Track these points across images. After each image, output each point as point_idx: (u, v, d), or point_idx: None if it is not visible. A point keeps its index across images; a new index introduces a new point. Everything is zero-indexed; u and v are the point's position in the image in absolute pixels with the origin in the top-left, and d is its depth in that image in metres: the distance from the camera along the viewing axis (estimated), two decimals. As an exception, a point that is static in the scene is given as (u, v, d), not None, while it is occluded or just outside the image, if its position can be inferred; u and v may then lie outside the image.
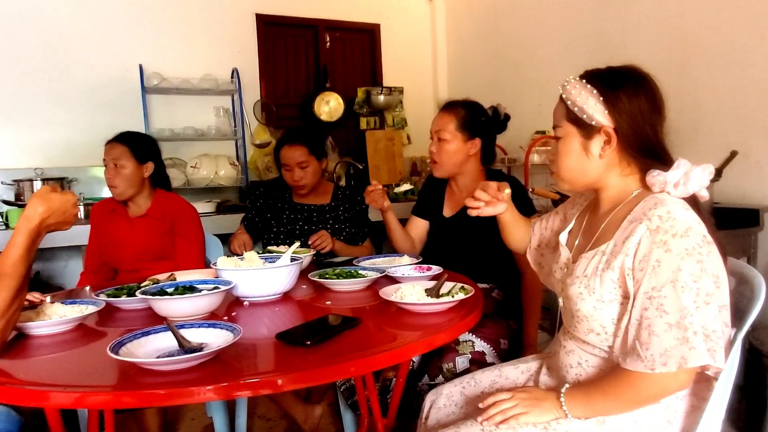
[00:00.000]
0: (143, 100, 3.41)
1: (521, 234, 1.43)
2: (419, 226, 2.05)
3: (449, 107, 1.89)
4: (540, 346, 1.80)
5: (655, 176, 1.04)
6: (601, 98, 1.06)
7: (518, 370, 1.33)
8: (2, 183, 3.08)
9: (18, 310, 1.10)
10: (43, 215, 1.14)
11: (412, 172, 4.17)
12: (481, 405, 1.12)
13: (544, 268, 1.39)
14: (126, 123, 3.38)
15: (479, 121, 1.86)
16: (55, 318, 1.24)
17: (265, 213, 2.31)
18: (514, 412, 1.07)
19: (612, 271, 1.03)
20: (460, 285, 1.38)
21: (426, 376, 1.64)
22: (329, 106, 3.97)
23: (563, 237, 1.25)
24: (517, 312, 1.82)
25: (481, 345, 1.66)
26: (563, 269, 1.21)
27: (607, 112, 1.05)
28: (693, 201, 1.04)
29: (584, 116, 1.07)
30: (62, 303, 1.32)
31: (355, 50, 4.29)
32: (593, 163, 1.10)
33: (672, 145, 1.09)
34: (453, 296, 1.29)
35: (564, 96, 1.11)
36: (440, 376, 1.62)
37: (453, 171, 1.89)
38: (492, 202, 1.32)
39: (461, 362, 1.63)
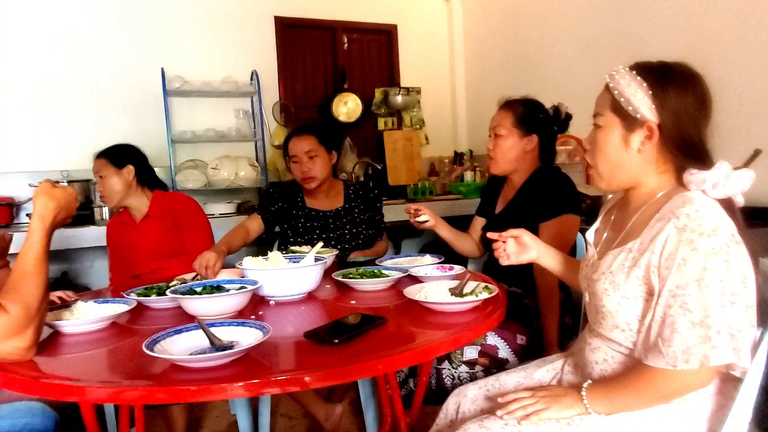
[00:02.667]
0: (165, 102, 3.46)
1: (572, 275, 1.38)
2: (478, 227, 2.05)
3: (507, 104, 1.88)
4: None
5: (694, 174, 1.03)
6: (650, 92, 1.04)
7: (543, 370, 1.33)
8: (30, 185, 3.15)
9: (47, 307, 1.13)
10: (54, 212, 1.17)
11: (430, 173, 4.18)
12: (500, 400, 1.12)
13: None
14: (148, 125, 3.46)
15: (537, 117, 1.85)
16: (89, 317, 1.28)
17: (281, 222, 2.25)
18: (534, 408, 1.07)
19: (638, 268, 1.04)
20: (483, 284, 1.39)
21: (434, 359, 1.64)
22: (347, 107, 3.99)
23: (590, 235, 1.26)
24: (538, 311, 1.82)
25: (494, 339, 1.65)
26: (589, 266, 1.21)
27: (654, 107, 1.04)
28: (726, 203, 1.03)
29: (630, 108, 1.06)
30: (95, 302, 1.36)
31: (372, 51, 4.31)
32: (630, 156, 1.09)
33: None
34: (477, 295, 1.30)
35: (611, 85, 1.09)
36: (446, 360, 1.63)
37: (509, 167, 1.88)
38: (520, 251, 1.35)
39: (469, 351, 1.62)
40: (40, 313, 1.08)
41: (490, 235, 1.39)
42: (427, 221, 1.86)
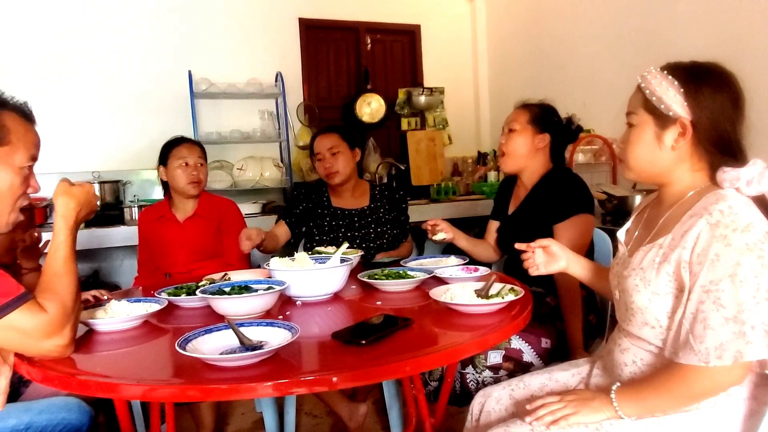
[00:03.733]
0: (192, 104, 3.52)
1: (601, 282, 1.38)
2: (493, 230, 2.07)
3: (525, 105, 1.93)
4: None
5: (728, 172, 1.03)
6: (682, 90, 1.05)
7: (568, 373, 1.33)
8: (62, 186, 3.24)
9: (81, 305, 1.16)
10: (76, 210, 1.20)
11: (453, 173, 4.17)
12: (528, 407, 1.12)
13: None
14: (176, 127, 3.50)
15: (551, 119, 1.89)
16: (122, 315, 1.31)
17: (307, 221, 2.27)
18: (563, 412, 1.07)
19: (668, 263, 1.03)
20: (509, 286, 1.39)
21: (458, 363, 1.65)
22: (371, 108, 4.01)
23: (621, 234, 1.26)
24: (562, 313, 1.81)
25: (518, 342, 1.65)
26: (620, 264, 1.21)
27: (686, 104, 1.05)
28: (759, 200, 1.03)
29: (662, 106, 1.07)
30: (128, 301, 1.40)
31: (395, 51, 4.32)
32: (664, 153, 1.09)
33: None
34: (503, 297, 1.30)
35: (642, 85, 1.11)
36: (470, 365, 1.63)
37: (520, 164, 1.89)
38: (548, 261, 1.36)
39: (494, 356, 1.62)
40: (75, 311, 1.11)
41: (518, 246, 1.39)
42: (444, 238, 1.88)
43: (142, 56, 3.56)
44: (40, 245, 1.83)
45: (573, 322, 1.71)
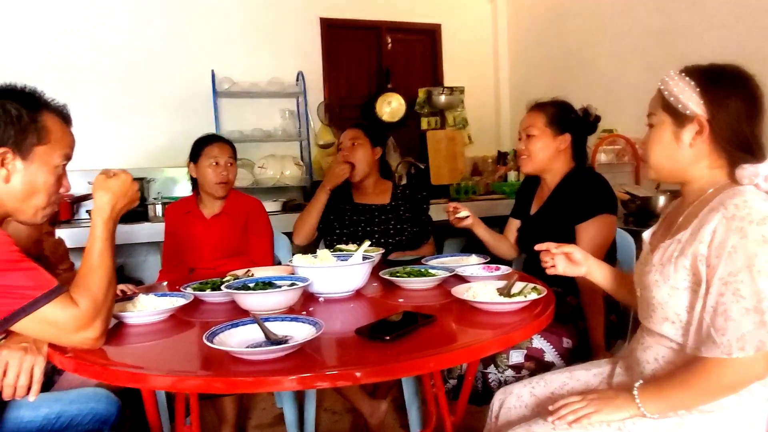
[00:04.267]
0: (214, 103, 3.57)
1: (623, 290, 1.38)
2: (513, 228, 2.06)
3: (537, 106, 1.90)
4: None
5: (746, 168, 1.04)
6: (698, 89, 1.08)
7: (590, 373, 1.32)
8: (89, 183, 3.30)
9: (113, 298, 1.18)
10: (111, 203, 1.21)
11: (473, 172, 4.16)
12: (550, 407, 1.12)
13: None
14: (199, 126, 3.55)
15: (569, 117, 1.86)
16: (150, 309, 1.34)
17: (327, 215, 2.31)
18: (585, 411, 1.07)
19: (685, 257, 1.05)
20: (531, 285, 1.39)
21: (480, 362, 1.65)
22: (391, 107, 4.02)
23: (646, 235, 1.27)
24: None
25: (540, 342, 1.64)
26: (642, 263, 1.22)
27: (702, 102, 1.07)
28: None
29: (679, 105, 1.10)
30: (155, 295, 1.43)
31: (416, 51, 4.33)
32: (683, 151, 1.11)
33: None
34: (525, 296, 1.30)
35: (661, 87, 1.14)
36: (491, 364, 1.63)
37: (542, 166, 1.88)
38: (569, 266, 1.37)
39: (515, 356, 1.62)
40: (107, 304, 1.14)
41: (538, 246, 1.39)
42: (467, 216, 1.88)
43: (168, 56, 3.62)
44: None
45: (594, 322, 1.70)
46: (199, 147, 2.20)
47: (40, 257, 1.81)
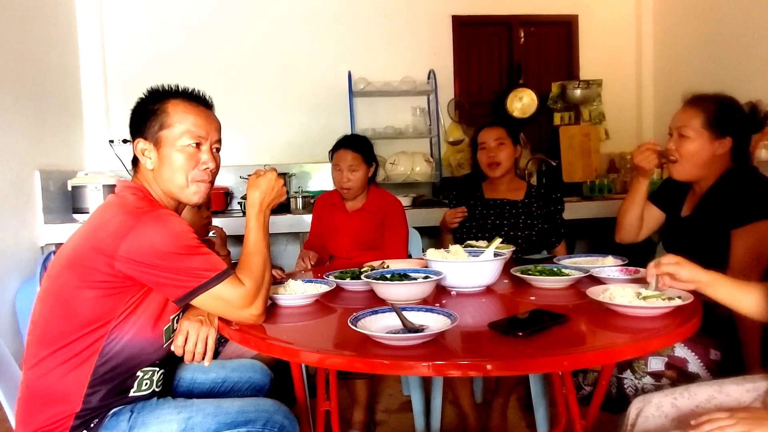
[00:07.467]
0: (350, 103, 3.77)
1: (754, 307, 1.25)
2: (652, 216, 1.90)
3: (696, 101, 1.70)
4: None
5: None
6: None
7: (742, 388, 1.23)
8: (240, 177, 3.67)
9: (270, 280, 1.33)
10: (260, 198, 1.35)
11: (609, 169, 3.95)
12: (693, 422, 1.06)
13: None
14: (335, 124, 3.80)
15: (733, 118, 1.66)
16: (299, 293, 1.49)
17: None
18: (733, 430, 1.00)
19: None
20: (676, 291, 1.32)
21: (615, 367, 1.58)
22: (522, 103, 3.95)
23: None
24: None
25: (683, 351, 1.54)
26: None
27: None
28: None
29: None
30: (303, 281, 1.58)
31: (550, 44, 4.20)
32: None
33: None
34: (668, 301, 1.24)
35: None
36: (628, 370, 1.55)
37: (695, 173, 1.71)
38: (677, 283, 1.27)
39: (654, 362, 1.53)
40: (266, 285, 1.29)
41: (649, 274, 1.30)
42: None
43: (307, 59, 3.89)
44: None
45: (750, 335, 1.55)
46: (333, 150, 2.38)
47: (206, 242, 2.07)
